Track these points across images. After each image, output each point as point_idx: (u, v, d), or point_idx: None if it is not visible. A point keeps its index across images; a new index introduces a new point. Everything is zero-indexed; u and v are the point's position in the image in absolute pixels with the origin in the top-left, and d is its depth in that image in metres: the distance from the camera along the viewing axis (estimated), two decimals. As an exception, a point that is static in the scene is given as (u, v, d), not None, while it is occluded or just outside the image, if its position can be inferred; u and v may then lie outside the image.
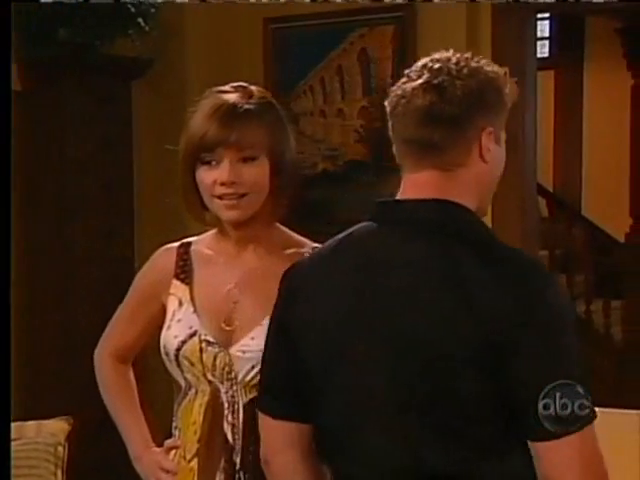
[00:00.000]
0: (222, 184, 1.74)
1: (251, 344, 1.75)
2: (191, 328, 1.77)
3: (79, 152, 4.03)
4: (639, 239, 6.07)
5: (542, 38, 7.69)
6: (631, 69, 6.28)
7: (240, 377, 1.76)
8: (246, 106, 1.76)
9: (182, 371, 1.79)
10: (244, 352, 1.76)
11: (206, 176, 1.75)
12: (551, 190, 7.07)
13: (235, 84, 1.82)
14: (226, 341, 1.77)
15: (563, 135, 7.43)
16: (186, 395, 1.81)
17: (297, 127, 4.41)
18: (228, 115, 1.73)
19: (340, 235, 1.62)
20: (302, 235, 1.91)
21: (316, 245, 1.85)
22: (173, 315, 1.80)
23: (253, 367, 1.75)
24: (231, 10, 4.36)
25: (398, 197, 1.58)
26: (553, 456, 1.44)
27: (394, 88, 1.59)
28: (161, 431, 1.94)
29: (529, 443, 1.46)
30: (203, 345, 1.76)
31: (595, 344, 5.72)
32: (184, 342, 1.77)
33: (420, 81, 1.54)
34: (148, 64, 4.21)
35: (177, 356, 1.78)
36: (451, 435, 1.47)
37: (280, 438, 1.62)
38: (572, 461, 1.43)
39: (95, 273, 3.98)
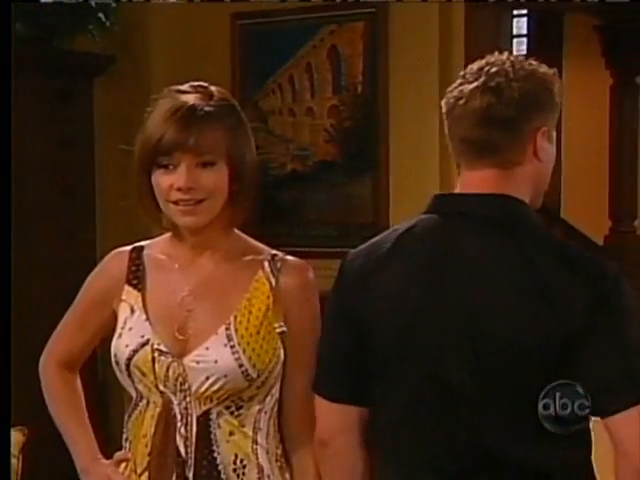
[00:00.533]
0: (179, 189, 1.71)
1: (206, 354, 1.73)
2: (143, 337, 1.74)
3: (37, 153, 4.00)
4: (618, 241, 6.11)
5: (520, 35, 7.75)
6: (610, 68, 6.32)
7: (194, 388, 1.73)
8: (206, 108, 1.72)
9: (133, 381, 1.76)
10: (198, 362, 1.72)
11: (162, 180, 1.72)
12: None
13: (195, 83, 1.78)
14: (180, 351, 1.74)
15: (541, 135, 7.44)
16: (137, 406, 1.78)
17: (266, 126, 4.43)
18: (187, 118, 1.69)
19: (399, 227, 1.73)
20: (270, 237, 1.90)
21: (275, 252, 1.82)
22: (124, 323, 1.77)
23: (207, 378, 1.72)
24: (197, 5, 4.33)
25: (458, 192, 1.71)
26: (620, 430, 1.57)
27: (450, 89, 1.70)
28: (111, 443, 1.91)
29: (603, 422, 1.59)
30: (155, 355, 1.73)
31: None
32: (135, 351, 1.74)
33: (477, 83, 1.66)
34: (110, 61, 4.18)
35: (128, 366, 1.74)
36: (513, 417, 1.59)
37: (338, 421, 1.72)
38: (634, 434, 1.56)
39: (55, 277, 3.95)
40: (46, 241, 3.99)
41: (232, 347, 1.72)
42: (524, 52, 7.68)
